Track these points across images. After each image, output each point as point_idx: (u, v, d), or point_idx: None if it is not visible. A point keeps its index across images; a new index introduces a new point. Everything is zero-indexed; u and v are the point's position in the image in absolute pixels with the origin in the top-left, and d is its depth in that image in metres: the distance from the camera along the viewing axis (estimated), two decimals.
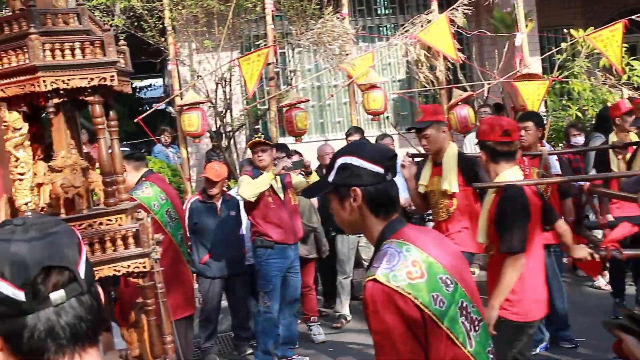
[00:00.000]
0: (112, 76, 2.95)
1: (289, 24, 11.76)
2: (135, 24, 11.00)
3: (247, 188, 7.16)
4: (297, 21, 11.41)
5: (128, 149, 7.86)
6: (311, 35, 10.24)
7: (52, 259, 1.50)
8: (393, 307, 2.40)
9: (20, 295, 1.47)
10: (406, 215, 8.52)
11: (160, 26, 10.94)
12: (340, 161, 2.67)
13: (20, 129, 2.98)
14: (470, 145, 9.87)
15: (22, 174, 3.00)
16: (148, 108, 17.42)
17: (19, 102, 2.97)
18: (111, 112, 3.18)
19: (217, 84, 11.06)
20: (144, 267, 2.97)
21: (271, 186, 7.22)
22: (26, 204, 3.00)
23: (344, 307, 8.87)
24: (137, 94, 21.28)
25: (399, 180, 3.04)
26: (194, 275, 7.87)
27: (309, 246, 8.18)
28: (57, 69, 2.84)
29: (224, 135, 11.40)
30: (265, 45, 10.16)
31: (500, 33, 11.57)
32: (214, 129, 11.34)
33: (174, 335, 3.30)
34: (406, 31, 10.62)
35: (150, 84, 24.03)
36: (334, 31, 10.05)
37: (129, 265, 2.95)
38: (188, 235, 7.46)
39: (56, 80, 2.84)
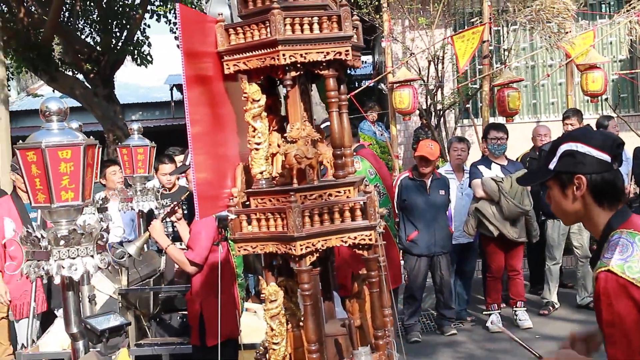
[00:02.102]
0: (347, 50, 3.00)
1: (505, 0, 11.44)
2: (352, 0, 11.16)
3: None
4: None
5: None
6: (529, 12, 9.89)
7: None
8: (628, 299, 2.31)
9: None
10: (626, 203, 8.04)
11: (376, 3, 11.02)
12: (564, 147, 2.57)
13: (258, 100, 3.11)
14: None
15: (258, 144, 3.13)
16: (357, 85, 17.68)
17: (258, 75, 3.09)
18: (342, 86, 3.24)
19: (429, 61, 11.01)
20: (370, 239, 3.01)
21: None
22: (261, 172, 3.13)
23: (552, 294, 8.59)
24: (347, 71, 21.65)
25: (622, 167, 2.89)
26: (400, 251, 7.94)
27: (519, 229, 7.96)
28: (296, 43, 2.93)
29: (433, 113, 11.34)
30: (480, 22, 9.97)
31: None
32: (424, 107, 11.31)
33: (393, 308, 3.34)
34: (632, 8, 10.01)
35: (361, 61, 24.38)
36: (553, 8, 9.65)
37: (355, 237, 2.99)
38: (396, 211, 7.54)
39: (295, 53, 2.93)
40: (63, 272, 3.35)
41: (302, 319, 3.22)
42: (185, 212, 6.36)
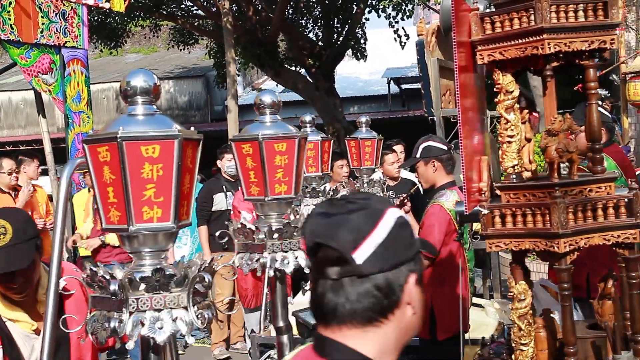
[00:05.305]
0: (613, 39, 2.84)
1: None
2: None
3: None
4: None
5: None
6: None
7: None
8: None
9: None
10: None
11: None
12: None
13: (512, 91, 3.00)
14: None
15: (511, 137, 3.02)
16: (583, 76, 16.93)
17: (513, 65, 2.98)
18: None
19: None
20: (634, 238, 2.83)
21: None
22: (513, 166, 3.03)
23: None
24: None
25: None
26: None
27: None
28: (561, 32, 2.79)
29: None
30: None
31: None
32: None
33: None
34: None
35: None
36: None
37: (619, 235, 2.83)
38: None
39: (559, 42, 2.79)
40: (276, 265, 3.29)
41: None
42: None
